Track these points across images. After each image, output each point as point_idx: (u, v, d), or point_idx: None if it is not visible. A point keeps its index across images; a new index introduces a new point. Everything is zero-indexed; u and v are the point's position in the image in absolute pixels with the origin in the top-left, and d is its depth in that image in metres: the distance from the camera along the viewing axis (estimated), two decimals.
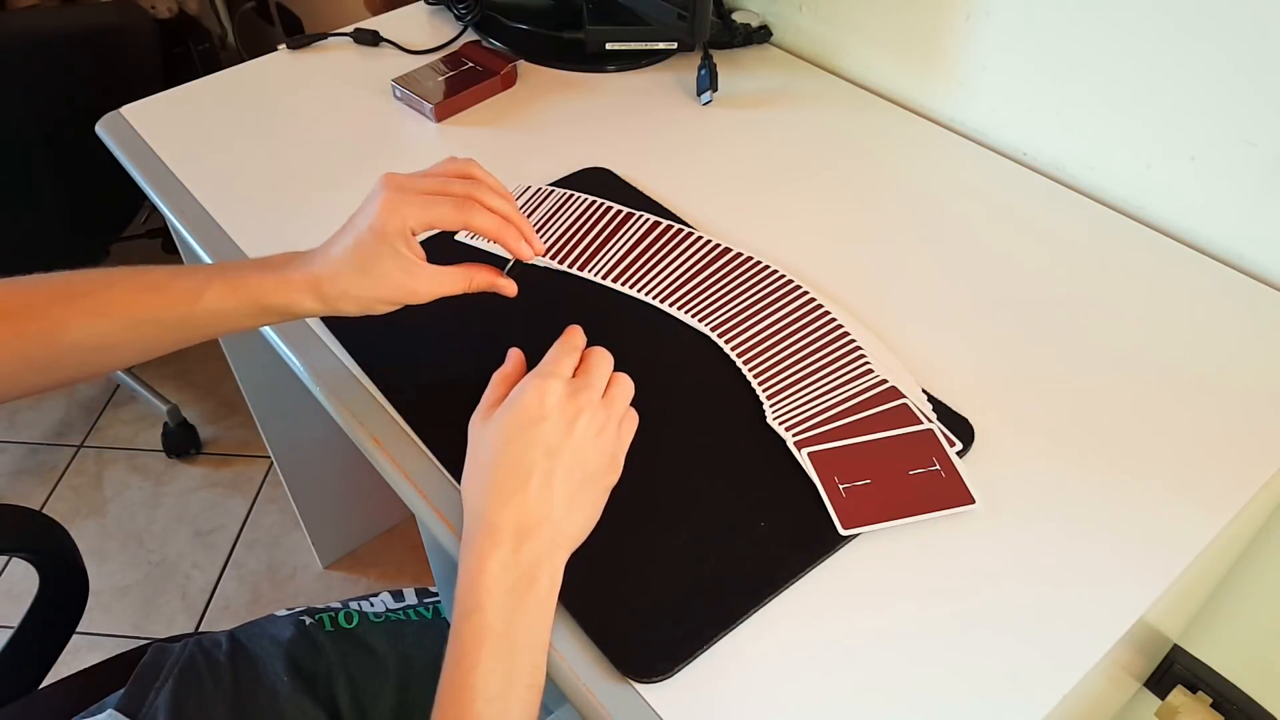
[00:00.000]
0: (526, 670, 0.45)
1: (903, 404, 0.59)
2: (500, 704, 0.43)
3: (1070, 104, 0.77)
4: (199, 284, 0.52)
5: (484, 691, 0.43)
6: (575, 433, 0.49)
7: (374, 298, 0.53)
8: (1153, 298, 0.68)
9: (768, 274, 0.69)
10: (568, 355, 0.53)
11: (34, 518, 0.76)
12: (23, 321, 0.50)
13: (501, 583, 0.45)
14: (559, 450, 0.48)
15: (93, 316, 0.51)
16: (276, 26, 1.88)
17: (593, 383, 0.52)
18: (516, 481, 0.47)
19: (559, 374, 0.51)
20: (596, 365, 0.53)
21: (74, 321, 0.51)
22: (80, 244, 1.44)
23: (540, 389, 0.50)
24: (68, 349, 0.51)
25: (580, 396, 0.50)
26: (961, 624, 0.50)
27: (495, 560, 0.45)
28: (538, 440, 0.48)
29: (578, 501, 0.49)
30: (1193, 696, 0.91)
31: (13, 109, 1.17)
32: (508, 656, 0.44)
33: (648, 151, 0.83)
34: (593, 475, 0.50)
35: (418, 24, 1.02)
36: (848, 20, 0.90)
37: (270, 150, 0.83)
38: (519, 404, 0.49)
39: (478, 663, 0.43)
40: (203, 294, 0.51)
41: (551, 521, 0.47)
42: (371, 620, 0.74)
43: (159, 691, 0.64)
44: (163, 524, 1.53)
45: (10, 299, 0.50)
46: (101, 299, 0.51)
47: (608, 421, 0.51)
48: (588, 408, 0.50)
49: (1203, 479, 0.56)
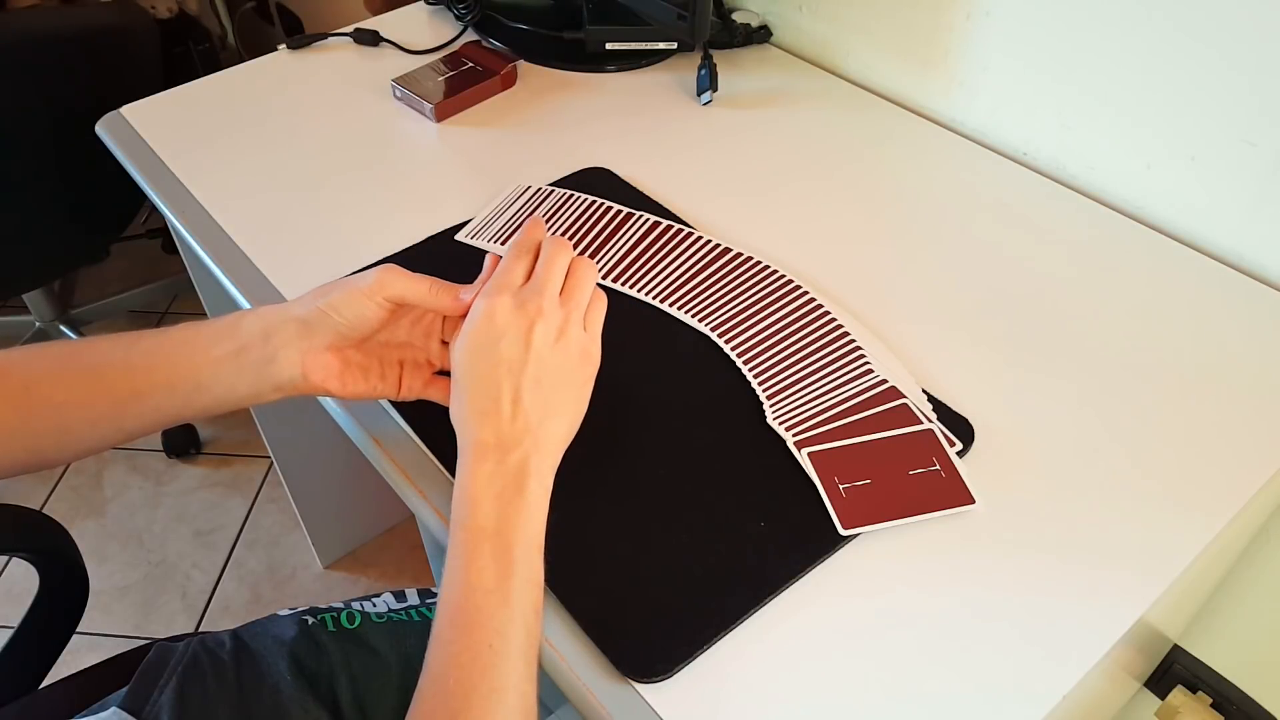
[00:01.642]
0: (524, 564, 0.46)
1: (903, 404, 0.59)
2: (499, 594, 0.44)
3: (1070, 104, 0.77)
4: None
5: (481, 585, 0.44)
6: (533, 343, 0.50)
7: (347, 291, 0.53)
8: (1153, 298, 0.68)
9: (768, 274, 0.69)
10: (517, 262, 0.53)
11: (34, 518, 0.76)
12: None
13: (490, 489, 0.47)
14: (521, 364, 0.49)
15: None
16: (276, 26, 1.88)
17: (542, 286, 0.51)
18: (488, 402, 0.49)
19: (507, 286, 0.51)
20: (549, 262, 0.53)
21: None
22: (80, 244, 1.44)
23: (489, 309, 0.50)
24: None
25: (530, 306, 0.50)
26: (961, 624, 0.50)
27: (482, 472, 0.47)
28: (498, 360, 0.49)
29: (554, 406, 0.50)
30: (1193, 696, 0.91)
31: (13, 109, 1.17)
32: (503, 552, 0.45)
33: (648, 151, 0.83)
34: (564, 377, 0.51)
35: (418, 24, 1.02)
36: (848, 20, 0.90)
37: (270, 150, 0.83)
38: (473, 328, 0.50)
39: (473, 559, 0.45)
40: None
41: (530, 432, 0.49)
42: (374, 620, 0.74)
43: (163, 690, 0.64)
44: (163, 524, 1.53)
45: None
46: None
47: (566, 321, 0.51)
48: (539, 315, 0.50)
49: (1203, 479, 0.56)
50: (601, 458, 0.57)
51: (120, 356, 0.53)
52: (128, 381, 0.52)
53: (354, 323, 0.53)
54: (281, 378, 0.53)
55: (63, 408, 0.52)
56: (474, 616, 0.44)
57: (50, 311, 1.66)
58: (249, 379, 0.53)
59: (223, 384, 0.53)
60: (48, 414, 0.52)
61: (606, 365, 0.63)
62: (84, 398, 0.52)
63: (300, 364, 0.53)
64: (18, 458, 0.52)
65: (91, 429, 0.53)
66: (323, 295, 0.53)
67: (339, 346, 0.54)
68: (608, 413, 0.60)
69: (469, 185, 0.79)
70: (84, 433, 0.53)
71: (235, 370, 0.53)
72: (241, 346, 0.53)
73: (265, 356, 0.53)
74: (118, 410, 0.53)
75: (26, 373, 0.52)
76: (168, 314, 1.89)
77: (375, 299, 0.53)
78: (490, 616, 0.44)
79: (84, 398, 0.52)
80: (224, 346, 0.53)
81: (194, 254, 0.76)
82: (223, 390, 0.53)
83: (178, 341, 0.53)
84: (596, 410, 0.60)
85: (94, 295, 1.75)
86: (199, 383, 0.53)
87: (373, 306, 0.53)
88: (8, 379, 0.51)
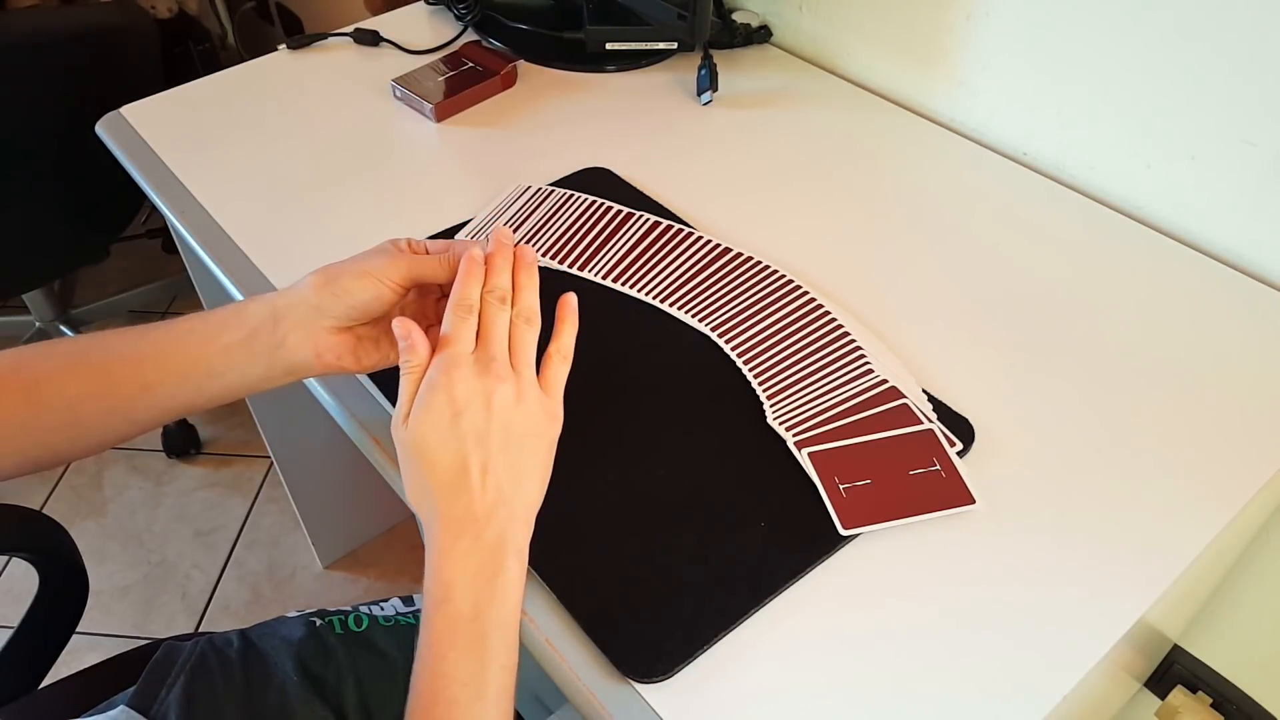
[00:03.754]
0: (500, 652, 0.45)
1: (903, 404, 0.59)
2: (475, 687, 0.44)
3: (1070, 104, 0.77)
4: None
5: (457, 678, 0.43)
6: (495, 410, 0.48)
7: (355, 272, 0.53)
8: (1152, 298, 0.68)
9: (768, 274, 0.69)
10: (463, 325, 0.50)
11: (34, 518, 0.76)
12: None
13: (466, 569, 0.45)
14: (486, 433, 0.48)
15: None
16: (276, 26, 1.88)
17: (495, 352, 0.50)
18: (458, 478, 0.47)
19: (461, 356, 0.49)
20: (492, 326, 0.51)
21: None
22: (80, 244, 1.44)
23: (448, 384, 0.48)
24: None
25: (489, 373, 0.49)
26: (961, 624, 0.50)
27: (458, 550, 0.46)
28: (464, 434, 0.47)
29: (523, 472, 0.49)
30: (1193, 696, 0.91)
31: (13, 109, 1.17)
32: (479, 641, 0.44)
33: (648, 151, 0.83)
34: (530, 441, 0.49)
35: (418, 24, 1.02)
36: (848, 20, 0.90)
37: (270, 150, 0.83)
38: (432, 404, 0.48)
39: (449, 650, 0.44)
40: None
41: (504, 502, 0.47)
42: (381, 624, 0.74)
43: (170, 689, 0.65)
44: (163, 524, 1.53)
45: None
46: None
47: (522, 382, 0.50)
48: (499, 380, 0.49)
49: (1203, 479, 0.56)
50: (602, 458, 0.57)
51: (129, 349, 0.53)
52: (139, 373, 0.52)
53: (368, 304, 0.53)
54: (293, 360, 0.53)
55: (74, 401, 0.52)
56: (449, 710, 0.43)
57: (50, 311, 1.66)
58: (261, 364, 0.53)
59: (235, 370, 0.53)
60: (60, 408, 0.52)
61: (608, 365, 0.63)
62: (95, 390, 0.52)
63: (312, 347, 0.53)
64: (30, 454, 0.52)
65: (103, 422, 0.53)
66: (332, 278, 0.53)
67: (348, 326, 0.54)
68: (608, 413, 0.60)
69: (469, 185, 0.79)
70: (96, 426, 0.53)
71: (246, 356, 0.52)
72: (251, 332, 0.52)
73: (275, 341, 0.52)
74: (129, 402, 0.52)
75: (36, 369, 0.52)
76: (168, 314, 1.89)
77: (388, 283, 0.52)
78: (465, 710, 0.43)
79: (95, 390, 0.52)
80: (233, 334, 0.52)
81: (194, 254, 0.76)
82: (235, 376, 0.53)
83: (185, 331, 0.53)
84: (597, 410, 0.60)
85: (94, 295, 1.75)
86: (210, 370, 0.52)
87: (385, 290, 0.53)
88: (17, 375, 0.51)
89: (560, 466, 0.50)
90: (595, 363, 0.63)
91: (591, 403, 0.60)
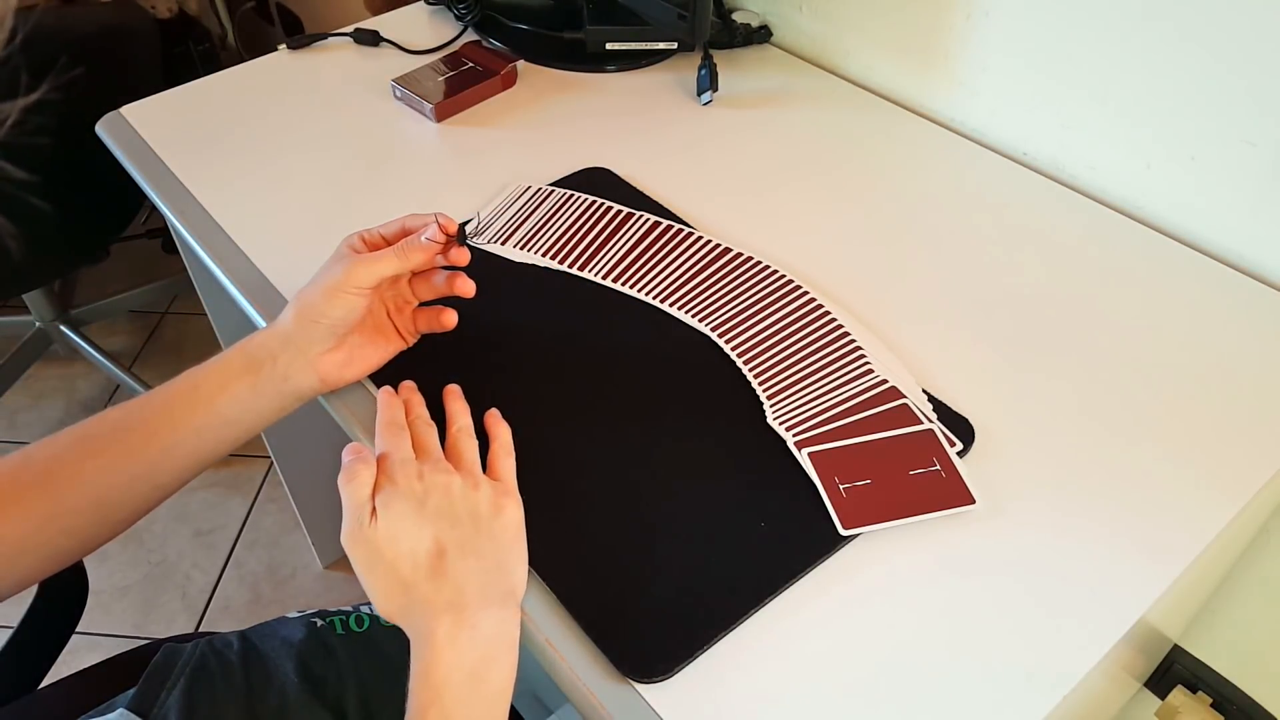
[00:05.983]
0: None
1: (903, 404, 0.59)
2: None
3: (1070, 104, 0.77)
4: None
5: None
6: (456, 495, 0.49)
7: (324, 291, 0.54)
8: (1152, 298, 0.68)
9: (768, 274, 0.69)
10: (399, 439, 0.52)
11: None
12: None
13: (460, 669, 0.45)
14: (455, 516, 0.49)
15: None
16: (276, 26, 1.88)
17: (436, 456, 0.52)
18: (434, 574, 0.47)
19: (407, 459, 0.51)
20: (425, 437, 0.53)
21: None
22: (80, 244, 1.44)
23: (405, 479, 0.49)
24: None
25: (439, 470, 0.50)
26: (961, 624, 0.50)
27: (453, 649, 0.46)
28: (435, 516, 0.48)
29: (502, 545, 0.49)
30: (1193, 696, 0.91)
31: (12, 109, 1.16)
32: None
33: (648, 151, 0.83)
34: (497, 522, 0.50)
35: (418, 24, 1.02)
36: (848, 20, 0.90)
37: (270, 150, 0.83)
38: (394, 497, 0.49)
39: None
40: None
41: (489, 582, 0.48)
42: (383, 624, 0.74)
43: (170, 691, 0.64)
44: (163, 524, 1.53)
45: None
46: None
47: (475, 474, 0.51)
48: (449, 474, 0.50)
49: (1203, 479, 0.56)
50: (602, 458, 0.57)
51: (135, 417, 0.53)
52: (154, 437, 0.53)
53: (344, 317, 0.55)
54: (302, 389, 0.56)
55: (94, 477, 0.52)
56: None
57: (50, 311, 1.66)
58: (270, 400, 0.55)
59: (250, 412, 0.55)
60: (79, 489, 0.51)
61: (607, 365, 0.63)
62: (113, 463, 0.52)
63: (314, 372, 0.55)
64: (57, 544, 0.52)
65: (126, 493, 0.53)
66: (308, 306, 0.55)
67: (339, 341, 0.56)
68: (608, 413, 0.60)
69: (469, 185, 0.79)
70: (120, 499, 0.53)
71: (254, 396, 0.54)
72: (256, 374, 0.54)
73: (279, 375, 0.55)
74: (150, 467, 0.53)
75: (46, 455, 0.52)
76: (168, 314, 1.89)
77: (356, 292, 0.54)
78: None
79: (113, 463, 0.52)
80: (239, 379, 0.54)
81: (194, 254, 0.76)
82: (252, 418, 0.55)
83: (189, 388, 0.54)
84: (597, 411, 0.60)
85: (94, 295, 1.75)
86: (226, 419, 0.54)
87: (356, 300, 0.54)
88: (29, 468, 0.51)
89: (560, 467, 0.50)
90: (595, 363, 0.63)
91: (591, 403, 0.60)
